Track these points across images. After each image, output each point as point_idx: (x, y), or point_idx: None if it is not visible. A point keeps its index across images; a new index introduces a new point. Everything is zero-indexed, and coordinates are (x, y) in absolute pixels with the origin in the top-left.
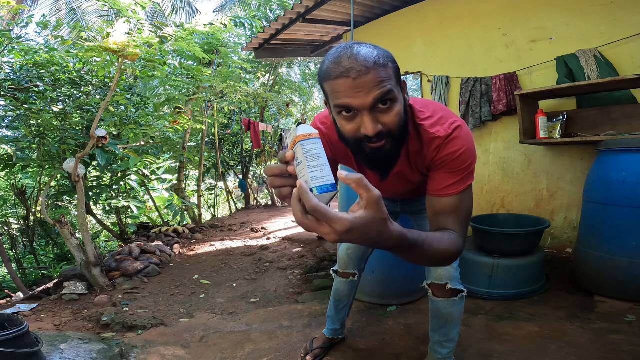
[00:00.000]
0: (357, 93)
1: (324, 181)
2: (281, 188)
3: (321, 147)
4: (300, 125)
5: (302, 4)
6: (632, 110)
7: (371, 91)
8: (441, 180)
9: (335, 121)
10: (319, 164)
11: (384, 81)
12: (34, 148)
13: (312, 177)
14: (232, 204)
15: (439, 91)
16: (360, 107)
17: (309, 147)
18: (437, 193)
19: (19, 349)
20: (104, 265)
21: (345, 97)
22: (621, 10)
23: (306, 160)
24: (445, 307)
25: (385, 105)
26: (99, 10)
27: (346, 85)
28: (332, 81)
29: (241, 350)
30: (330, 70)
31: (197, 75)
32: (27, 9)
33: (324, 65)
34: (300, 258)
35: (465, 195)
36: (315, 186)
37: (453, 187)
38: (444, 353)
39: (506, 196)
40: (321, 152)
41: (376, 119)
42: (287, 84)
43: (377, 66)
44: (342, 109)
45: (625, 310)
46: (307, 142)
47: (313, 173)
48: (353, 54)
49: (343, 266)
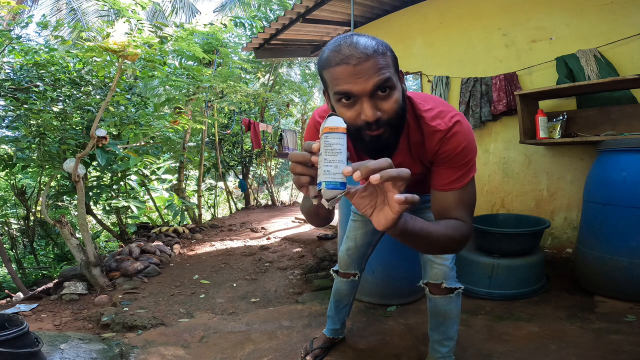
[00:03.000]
0: (357, 79)
1: (335, 178)
2: (300, 176)
3: (344, 143)
4: (331, 115)
5: (302, 4)
6: (632, 110)
7: (371, 77)
8: (445, 175)
9: (335, 110)
10: (336, 160)
11: (383, 68)
12: (34, 148)
13: (325, 171)
14: (232, 204)
15: (439, 91)
16: (360, 93)
17: (332, 141)
18: (442, 188)
19: (19, 349)
20: (104, 265)
21: (345, 83)
22: (621, 10)
23: (325, 153)
24: (442, 304)
25: (384, 93)
26: (99, 10)
27: (346, 72)
28: (333, 68)
29: (241, 350)
30: (331, 58)
31: (197, 75)
32: (27, 9)
33: (323, 54)
34: (300, 258)
35: (469, 187)
36: (324, 180)
37: (457, 181)
38: (444, 352)
39: (506, 196)
40: (342, 148)
41: (375, 106)
42: (287, 84)
43: (376, 54)
44: (342, 96)
45: (625, 310)
46: (331, 135)
47: (327, 167)
48: (353, 42)
49: (344, 267)
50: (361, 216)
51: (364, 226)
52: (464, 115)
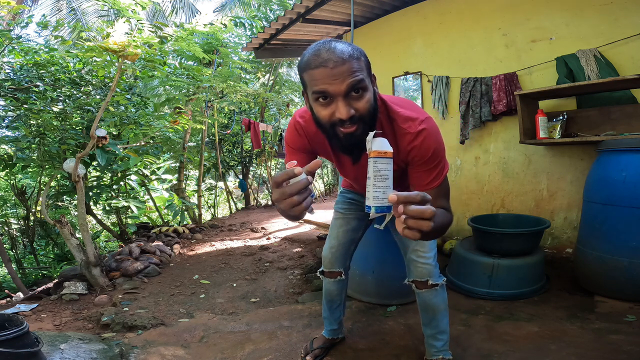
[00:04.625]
0: (334, 81)
1: (383, 202)
2: (304, 202)
3: (391, 168)
4: (377, 137)
5: (302, 4)
6: (632, 110)
7: (345, 79)
8: (423, 177)
9: (312, 109)
10: (384, 186)
11: (357, 71)
12: (34, 148)
13: (374, 197)
14: (232, 204)
15: (439, 91)
16: (336, 93)
17: (380, 167)
18: (422, 188)
19: (19, 349)
20: (104, 265)
21: (323, 84)
22: (621, 10)
23: (374, 179)
24: (429, 297)
25: (357, 93)
26: (99, 10)
27: (324, 74)
28: (312, 70)
29: (241, 350)
30: (311, 61)
31: (197, 75)
32: (27, 9)
33: (304, 58)
34: (300, 258)
35: (444, 181)
36: (374, 205)
37: (434, 180)
38: (439, 346)
39: (506, 196)
40: (389, 173)
41: (349, 104)
42: (287, 84)
43: (351, 58)
44: (319, 95)
45: (625, 310)
46: (380, 161)
47: (376, 193)
48: (331, 47)
49: (328, 265)
50: (343, 213)
51: (346, 223)
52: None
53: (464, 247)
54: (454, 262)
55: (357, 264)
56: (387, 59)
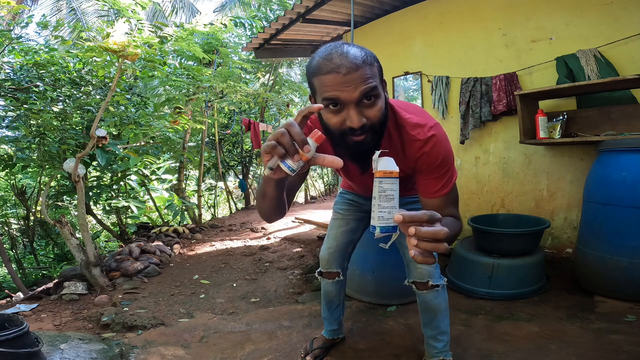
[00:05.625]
0: (346, 87)
1: (388, 222)
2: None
3: (397, 188)
4: (382, 156)
5: (302, 4)
6: (632, 110)
7: (358, 86)
8: (432, 185)
9: (321, 116)
10: (389, 206)
11: (370, 78)
12: (34, 148)
13: (379, 217)
14: (232, 204)
15: (439, 91)
16: (348, 100)
17: (386, 187)
18: (431, 196)
19: (19, 349)
20: (104, 265)
21: (334, 90)
22: (621, 10)
23: (379, 199)
24: (430, 298)
25: (370, 101)
26: (99, 10)
27: (336, 80)
28: (323, 76)
29: (241, 350)
30: (322, 65)
31: (197, 75)
32: (27, 9)
33: (313, 61)
34: (300, 258)
35: (453, 188)
36: (379, 225)
37: (443, 188)
38: (440, 347)
39: (506, 196)
40: (395, 193)
41: (361, 113)
42: (287, 84)
43: (364, 64)
44: (330, 102)
45: (625, 310)
46: (385, 181)
47: (381, 213)
48: (343, 52)
49: (326, 266)
50: (342, 214)
51: (345, 224)
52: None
53: (464, 247)
54: (454, 262)
55: (357, 264)
56: (387, 59)
